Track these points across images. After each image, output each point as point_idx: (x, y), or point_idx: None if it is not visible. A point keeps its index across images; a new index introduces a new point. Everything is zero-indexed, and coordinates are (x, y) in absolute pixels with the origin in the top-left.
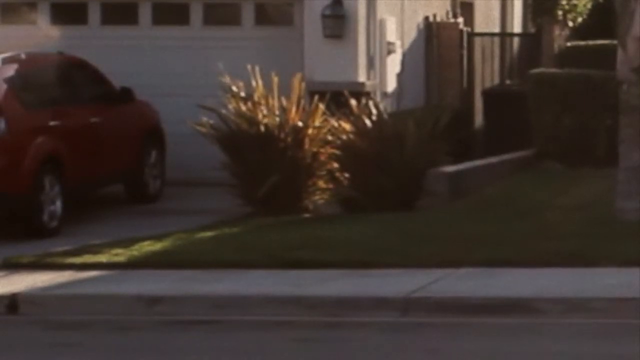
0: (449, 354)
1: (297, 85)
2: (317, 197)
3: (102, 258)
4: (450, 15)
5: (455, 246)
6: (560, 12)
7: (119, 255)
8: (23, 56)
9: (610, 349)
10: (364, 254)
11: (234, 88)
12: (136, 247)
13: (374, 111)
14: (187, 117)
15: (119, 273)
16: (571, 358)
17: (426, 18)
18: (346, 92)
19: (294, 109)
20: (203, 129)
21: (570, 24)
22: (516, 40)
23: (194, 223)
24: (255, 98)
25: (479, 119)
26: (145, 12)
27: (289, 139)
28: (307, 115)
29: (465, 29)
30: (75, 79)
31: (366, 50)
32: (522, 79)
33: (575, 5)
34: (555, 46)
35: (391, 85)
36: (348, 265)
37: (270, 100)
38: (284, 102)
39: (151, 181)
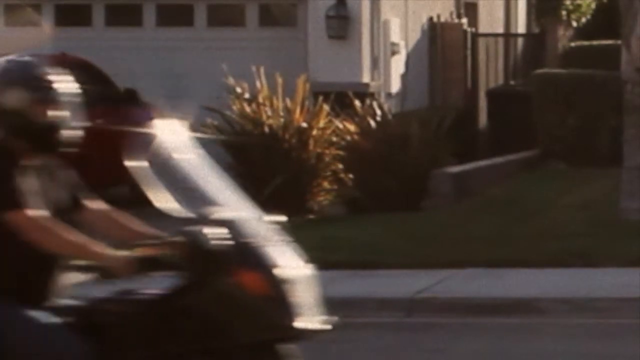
0: (454, 354)
1: (302, 86)
2: (321, 198)
3: None
4: (454, 15)
5: (460, 246)
6: (564, 12)
7: None
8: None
9: (615, 348)
10: (369, 254)
11: (238, 89)
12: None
13: (378, 112)
14: (192, 118)
15: None
16: (575, 358)
17: (430, 19)
18: (350, 93)
19: (298, 110)
20: (207, 130)
21: (574, 24)
22: (520, 40)
23: None
24: (260, 99)
25: (483, 119)
26: (149, 14)
27: (293, 140)
28: (312, 116)
29: (469, 29)
30: (79, 81)
31: (370, 51)
32: (526, 79)
33: (579, 5)
34: (559, 46)
35: (395, 86)
36: (352, 266)
37: (275, 102)
38: (288, 103)
39: None
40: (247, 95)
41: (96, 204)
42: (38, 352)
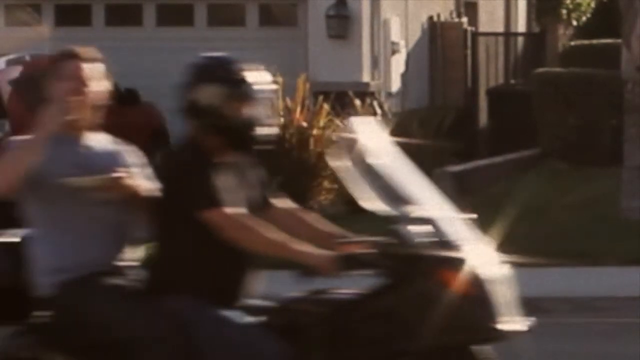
0: None
1: (302, 85)
2: (322, 197)
3: None
4: (454, 15)
5: None
6: (564, 12)
7: None
8: (27, 58)
9: (616, 348)
10: None
11: None
12: (141, 247)
13: (379, 111)
14: None
15: None
16: (575, 358)
17: (430, 18)
18: (350, 92)
19: (298, 110)
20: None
21: (574, 23)
22: (520, 39)
23: None
24: None
25: (483, 119)
26: (149, 13)
27: (294, 140)
28: (312, 115)
29: (469, 28)
30: None
31: (370, 50)
32: (526, 78)
33: (579, 5)
34: (559, 45)
35: (395, 85)
36: None
37: (275, 101)
38: (289, 102)
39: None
40: None
41: (283, 203)
42: (233, 352)
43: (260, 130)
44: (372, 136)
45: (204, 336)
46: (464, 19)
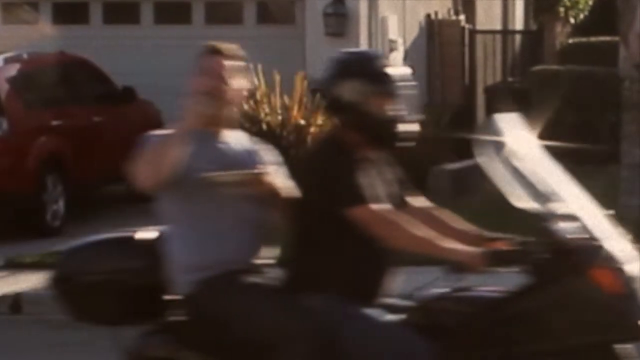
0: None
1: (299, 83)
2: None
3: None
4: (452, 12)
5: None
6: (562, 9)
7: None
8: (25, 56)
9: None
10: None
11: None
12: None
13: None
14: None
15: None
16: None
17: (428, 15)
18: None
19: (296, 108)
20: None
21: (572, 20)
22: (518, 37)
23: None
24: (257, 96)
25: (481, 116)
26: (147, 11)
27: (291, 138)
28: (309, 113)
29: (467, 26)
30: (77, 79)
31: (368, 48)
32: (524, 76)
33: (576, 2)
34: (557, 43)
35: None
36: None
37: (273, 99)
38: (286, 100)
39: None
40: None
41: (418, 201)
42: (379, 351)
43: (402, 127)
44: (519, 136)
45: (349, 335)
46: (462, 17)
